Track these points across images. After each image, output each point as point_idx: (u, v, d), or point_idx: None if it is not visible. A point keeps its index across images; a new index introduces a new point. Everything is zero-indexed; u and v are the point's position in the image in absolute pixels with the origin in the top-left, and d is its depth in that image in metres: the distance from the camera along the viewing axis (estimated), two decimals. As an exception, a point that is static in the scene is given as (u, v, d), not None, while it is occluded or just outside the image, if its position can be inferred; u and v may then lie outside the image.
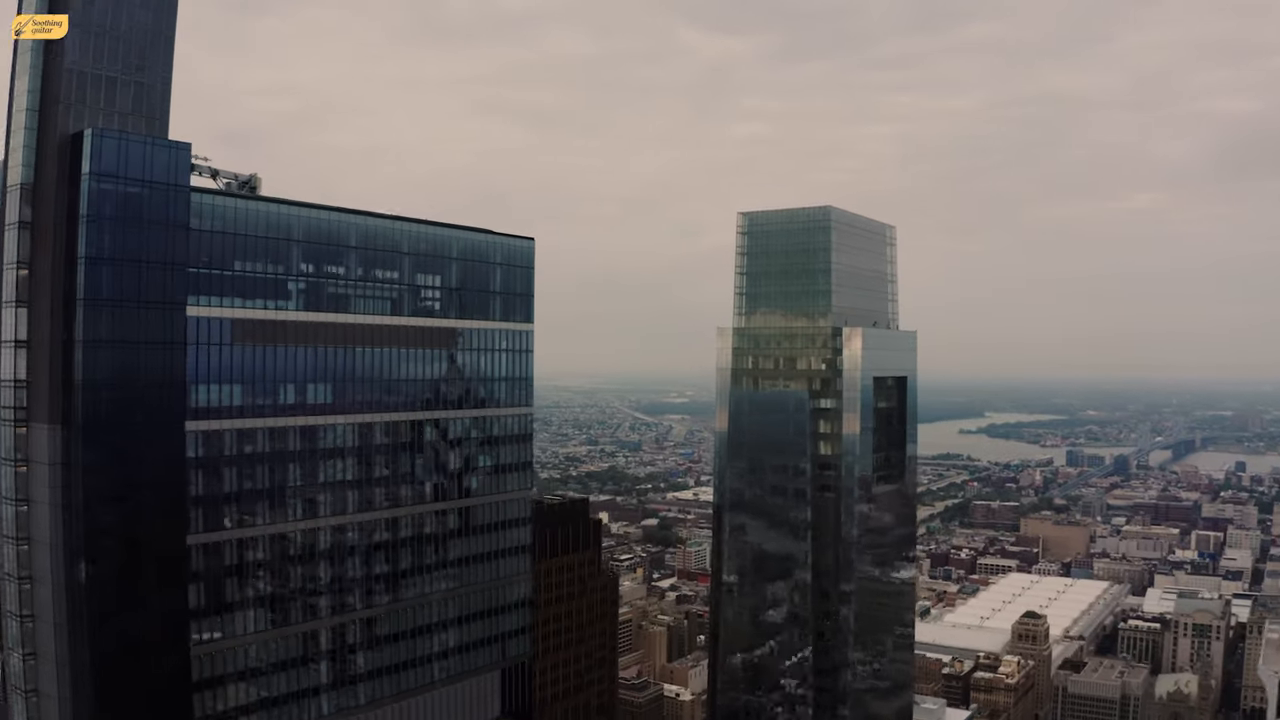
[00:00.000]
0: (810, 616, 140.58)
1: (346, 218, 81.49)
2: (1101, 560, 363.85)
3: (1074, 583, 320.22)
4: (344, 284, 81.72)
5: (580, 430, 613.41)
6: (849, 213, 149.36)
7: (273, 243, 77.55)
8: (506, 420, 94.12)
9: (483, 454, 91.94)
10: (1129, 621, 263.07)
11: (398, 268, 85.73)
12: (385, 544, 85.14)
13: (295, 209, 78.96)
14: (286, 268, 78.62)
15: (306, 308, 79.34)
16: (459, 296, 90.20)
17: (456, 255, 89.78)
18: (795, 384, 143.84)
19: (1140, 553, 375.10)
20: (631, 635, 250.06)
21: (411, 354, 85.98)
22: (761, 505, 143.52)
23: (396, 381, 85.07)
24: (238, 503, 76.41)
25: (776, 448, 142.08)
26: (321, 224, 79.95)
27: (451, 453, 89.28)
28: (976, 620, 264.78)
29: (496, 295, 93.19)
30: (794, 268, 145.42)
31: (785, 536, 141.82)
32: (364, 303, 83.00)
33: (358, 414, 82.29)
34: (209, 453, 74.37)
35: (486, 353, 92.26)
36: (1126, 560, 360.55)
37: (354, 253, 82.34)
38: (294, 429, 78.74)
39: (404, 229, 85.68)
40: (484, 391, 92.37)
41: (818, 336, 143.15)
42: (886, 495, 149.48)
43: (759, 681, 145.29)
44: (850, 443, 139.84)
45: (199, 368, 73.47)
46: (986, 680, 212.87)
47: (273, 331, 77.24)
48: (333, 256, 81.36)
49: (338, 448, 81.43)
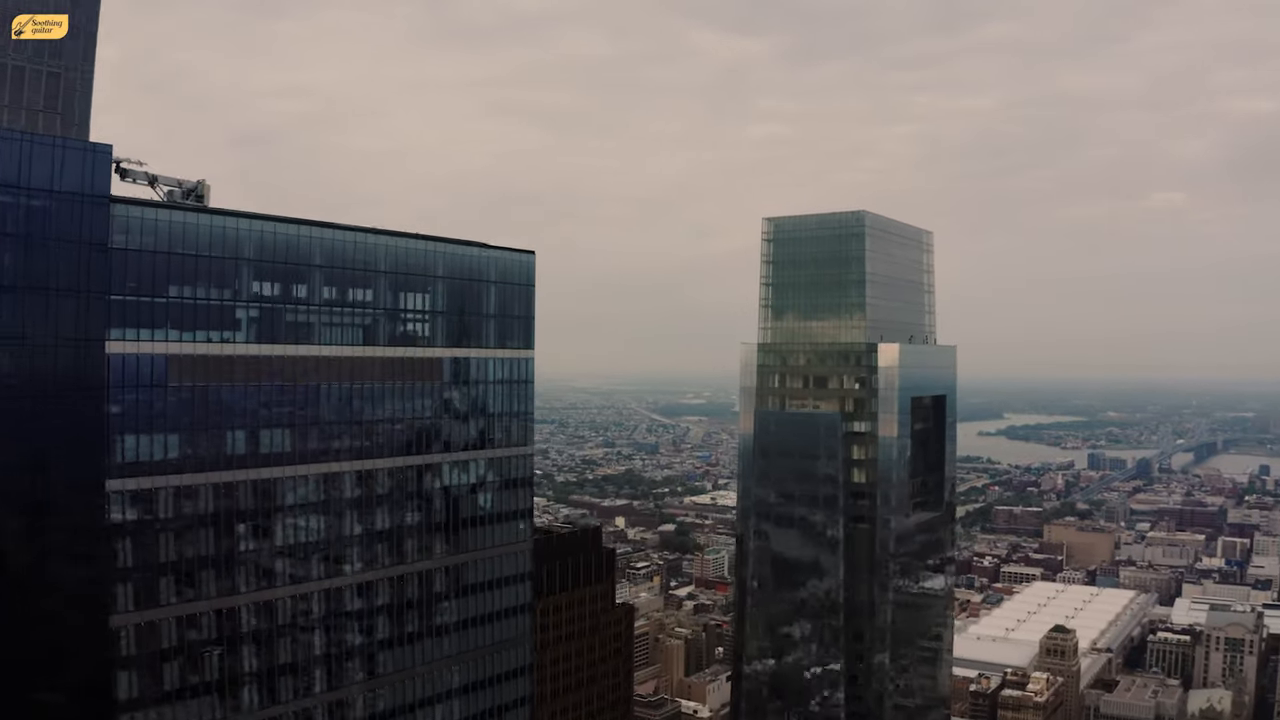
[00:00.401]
0: (844, 662, 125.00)
1: (309, 231, 66.78)
2: (1128, 569, 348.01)
3: (1100, 592, 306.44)
4: (306, 310, 67.03)
5: (597, 432, 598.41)
6: (883, 217, 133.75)
7: (218, 263, 63.01)
8: (503, 462, 79.17)
9: (475, 503, 77.04)
10: (1158, 634, 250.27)
11: (372, 289, 70.94)
12: (358, 613, 70.48)
13: (246, 221, 64.31)
14: (235, 292, 64.07)
15: (259, 339, 64.74)
16: (446, 321, 75.29)
17: (443, 273, 74.89)
18: (826, 404, 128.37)
19: (1166, 560, 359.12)
20: (648, 649, 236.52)
21: (389, 390, 71.21)
22: (789, 539, 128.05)
23: (371, 423, 70.28)
24: (178, 573, 61.99)
25: (805, 475, 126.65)
26: (278, 239, 65.30)
27: (437, 503, 74.39)
28: (1002, 632, 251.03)
29: (490, 318, 78.28)
30: (825, 278, 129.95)
31: (815, 573, 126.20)
32: (331, 331, 68.26)
33: (324, 463, 67.62)
34: (140, 515, 60.06)
35: (479, 385, 77.40)
36: (1153, 568, 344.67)
37: (319, 272, 67.67)
38: (245, 484, 64.17)
39: (379, 243, 70.82)
40: (475, 431, 77.47)
41: (851, 353, 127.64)
42: (923, 524, 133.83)
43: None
44: (886, 469, 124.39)
45: (126, 415, 59.25)
46: (1015, 699, 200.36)
47: (218, 368, 62.76)
48: (292, 277, 66.66)
49: (300, 504, 66.80)
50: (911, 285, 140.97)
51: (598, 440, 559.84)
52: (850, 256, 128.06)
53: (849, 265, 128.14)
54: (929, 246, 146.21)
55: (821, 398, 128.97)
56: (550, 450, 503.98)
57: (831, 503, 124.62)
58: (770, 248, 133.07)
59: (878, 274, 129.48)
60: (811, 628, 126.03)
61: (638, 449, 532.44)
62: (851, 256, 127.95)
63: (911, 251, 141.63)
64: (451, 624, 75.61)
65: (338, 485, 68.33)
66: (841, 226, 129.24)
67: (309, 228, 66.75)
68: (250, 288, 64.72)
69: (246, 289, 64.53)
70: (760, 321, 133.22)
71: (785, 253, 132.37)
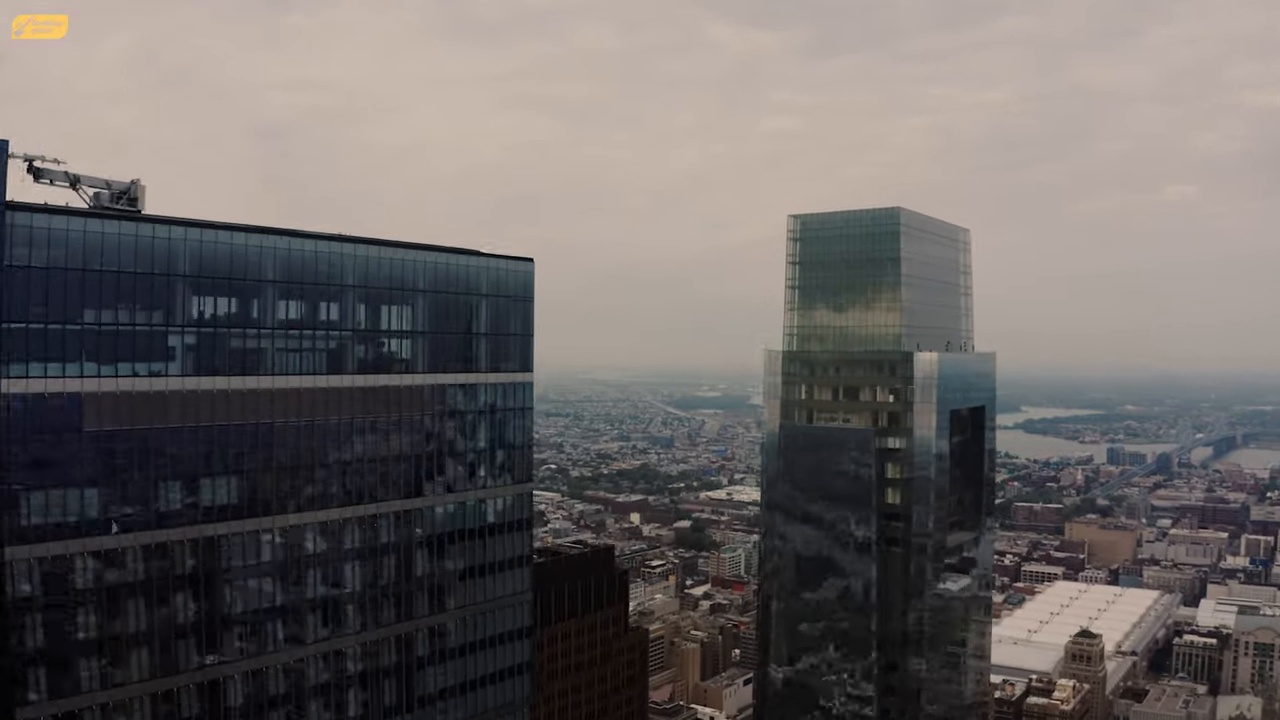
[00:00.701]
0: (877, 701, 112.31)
1: (260, 240, 54.60)
2: (1151, 568, 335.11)
3: (1123, 592, 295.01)
4: (257, 334, 54.96)
5: (612, 425, 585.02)
6: (919, 214, 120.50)
7: (146, 280, 50.97)
8: (497, 504, 66.91)
9: (464, 552, 64.85)
10: (1184, 637, 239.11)
11: (339, 307, 58.71)
12: (325, 687, 58.61)
13: (182, 231, 52.23)
14: (169, 315, 52.03)
15: (198, 371, 52.72)
16: (429, 342, 63.01)
17: (425, 286, 62.56)
18: (858, 418, 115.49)
19: (1189, 559, 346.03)
20: (663, 653, 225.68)
21: (359, 426, 59.11)
22: (817, 567, 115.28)
23: (338, 466, 58.29)
24: (103, 654, 50.32)
25: (835, 495, 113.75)
26: (222, 250, 53.22)
27: (419, 556, 62.33)
28: (1024, 634, 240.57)
29: (482, 338, 65.96)
30: (857, 280, 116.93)
31: (845, 604, 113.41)
32: (288, 359, 56.16)
33: (280, 515, 55.67)
34: (53, 588, 48.37)
35: (469, 416, 65.18)
36: (1177, 567, 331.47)
37: (272, 289, 55.51)
38: (184, 544, 52.35)
39: (347, 253, 58.54)
40: (465, 469, 65.24)
41: (884, 362, 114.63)
42: (962, 545, 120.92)
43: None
44: (923, 489, 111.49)
45: (31, 467, 47.49)
46: (1040, 707, 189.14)
47: (147, 408, 50.83)
48: (240, 296, 54.57)
49: (251, 565, 54.90)
50: (948, 287, 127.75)
51: (613, 434, 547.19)
52: (884, 257, 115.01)
53: (883, 266, 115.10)
54: (966, 245, 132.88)
55: (852, 410, 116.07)
56: (565, 444, 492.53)
57: (864, 526, 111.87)
58: (796, 247, 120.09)
59: (914, 275, 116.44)
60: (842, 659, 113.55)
61: (653, 443, 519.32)
62: (886, 257, 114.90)
63: (948, 250, 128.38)
64: (438, 694, 63.61)
65: (298, 541, 56.38)
66: (875, 224, 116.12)
67: (260, 236, 54.53)
68: (188, 309, 52.63)
69: (183, 311, 52.45)
70: (785, 326, 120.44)
71: (813, 252, 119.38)
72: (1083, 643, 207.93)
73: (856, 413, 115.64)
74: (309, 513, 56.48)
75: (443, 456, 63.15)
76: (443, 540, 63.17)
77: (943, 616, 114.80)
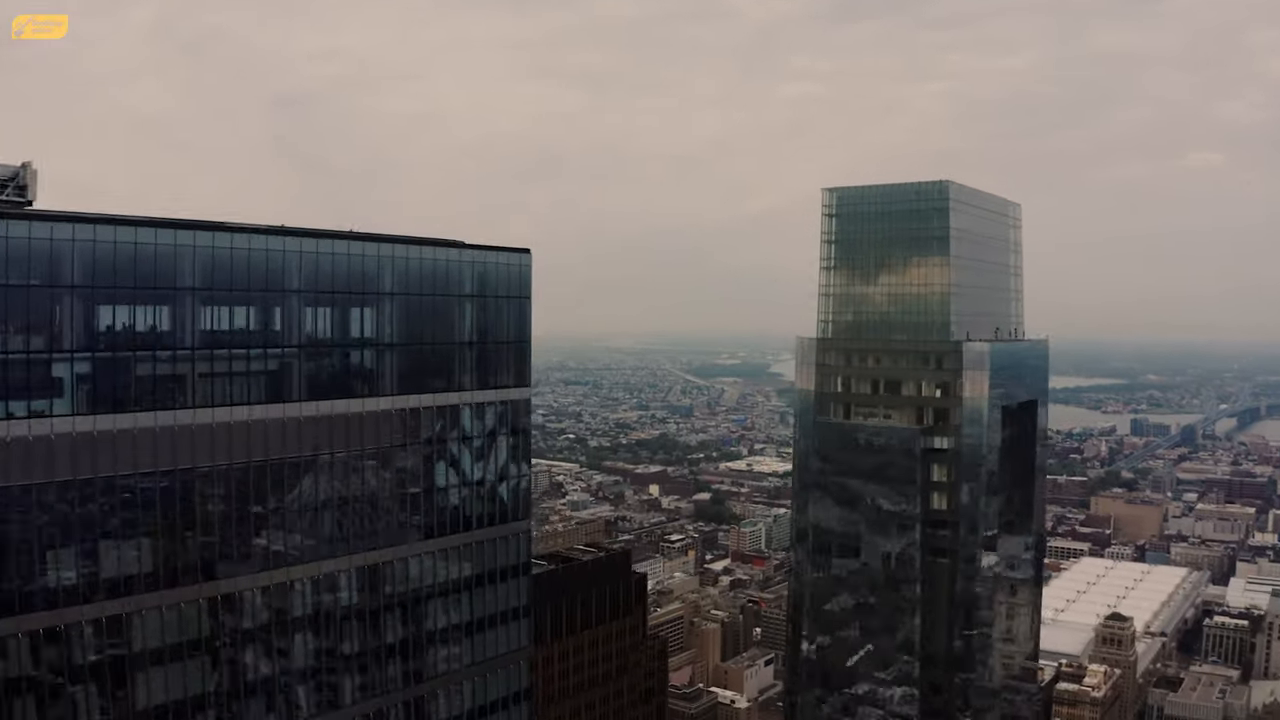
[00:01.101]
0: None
1: (175, 237, 41.49)
2: (1178, 544, 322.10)
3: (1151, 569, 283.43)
4: (172, 356, 41.97)
5: (631, 394, 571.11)
6: (968, 188, 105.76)
7: (21, 294, 38.16)
8: (487, 549, 54.05)
9: (446, 609, 52.21)
10: (1214, 618, 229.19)
11: (282, 317, 45.57)
12: (276, 784, 46.58)
13: (70, 228, 39.17)
14: (53, 337, 39.21)
15: (95, 407, 39.93)
16: (399, 357, 49.84)
17: (394, 287, 49.29)
18: (900, 415, 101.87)
19: (1217, 535, 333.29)
20: (683, 633, 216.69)
21: (309, 465, 46.31)
22: (854, 577, 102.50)
23: (283, 517, 45.62)
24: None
25: (875, 501, 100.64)
26: (124, 252, 40.21)
27: (392, 618, 49.77)
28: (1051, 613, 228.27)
29: (467, 348, 52.67)
30: (899, 261, 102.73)
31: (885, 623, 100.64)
32: (215, 386, 43.13)
33: (207, 583, 43.16)
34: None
35: (450, 445, 52.19)
36: (1205, 544, 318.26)
37: (193, 298, 42.48)
38: (81, 626, 40.07)
39: (291, 249, 45.18)
40: (445, 509, 52.30)
41: (931, 354, 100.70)
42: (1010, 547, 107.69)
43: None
44: (973, 494, 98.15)
45: None
46: (1071, 693, 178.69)
47: (27, 458, 38.25)
48: (150, 308, 41.59)
49: (171, 645, 42.54)
50: (998, 268, 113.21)
51: (631, 403, 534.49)
52: (931, 235, 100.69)
53: (929, 246, 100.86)
54: (1016, 221, 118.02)
55: (894, 406, 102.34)
56: (584, 413, 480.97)
57: (907, 535, 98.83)
58: (832, 224, 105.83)
59: (962, 256, 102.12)
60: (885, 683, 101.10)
61: (672, 412, 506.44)
62: (933, 235, 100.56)
63: (998, 227, 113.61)
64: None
65: (232, 613, 43.94)
66: (921, 199, 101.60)
67: (173, 232, 41.40)
68: (79, 329, 39.75)
69: (73, 331, 39.59)
70: (820, 313, 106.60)
71: (850, 231, 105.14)
72: (1114, 625, 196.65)
73: (899, 408, 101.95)
74: (245, 577, 43.98)
75: (418, 497, 50.29)
76: (420, 598, 50.54)
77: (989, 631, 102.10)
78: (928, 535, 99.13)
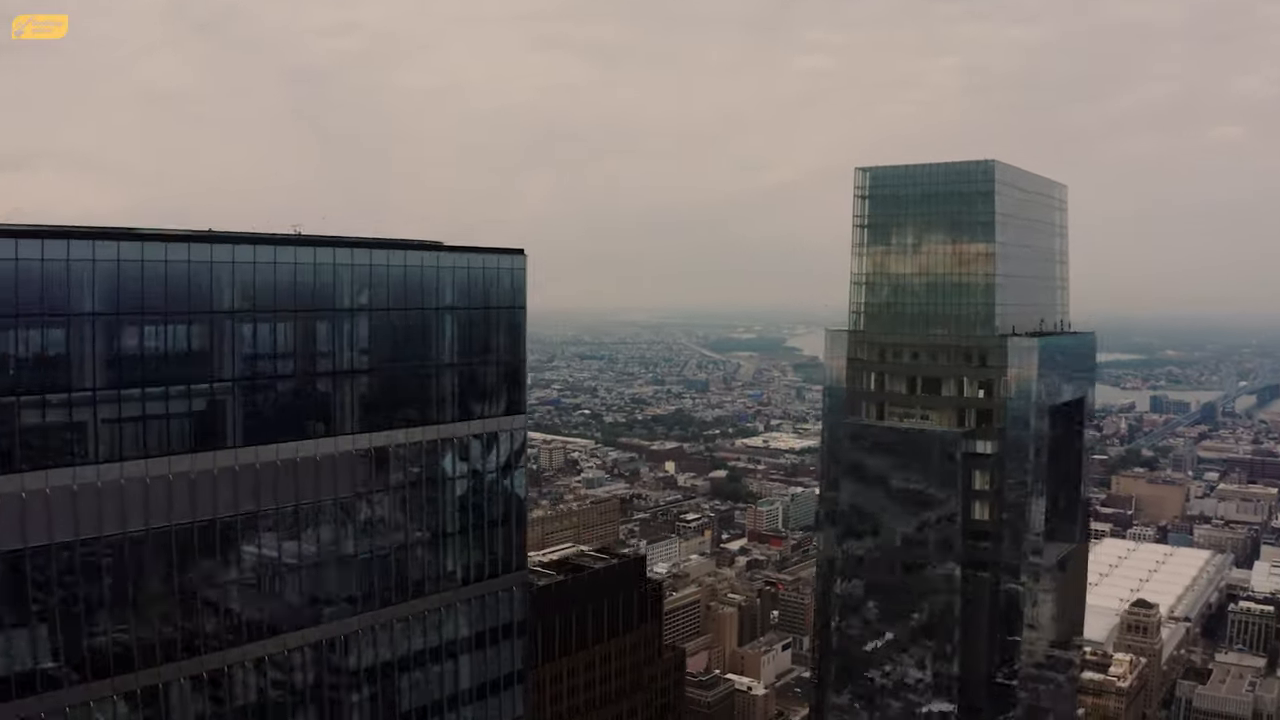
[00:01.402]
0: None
1: (68, 249, 31.86)
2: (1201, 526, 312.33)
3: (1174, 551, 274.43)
4: (67, 400, 32.58)
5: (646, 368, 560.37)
6: (1014, 168, 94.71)
7: None
8: (475, 607, 44.83)
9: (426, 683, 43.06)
10: (1240, 604, 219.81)
11: (213, 345, 36.05)
12: None
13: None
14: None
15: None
16: (363, 385, 40.30)
17: (354, 301, 39.66)
18: (939, 416, 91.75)
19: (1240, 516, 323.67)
20: (700, 618, 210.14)
21: (251, 524, 37.04)
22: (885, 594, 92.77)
23: (218, 588, 36.45)
24: None
25: (910, 511, 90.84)
26: (4, 270, 30.63)
27: (357, 697, 40.71)
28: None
29: (447, 371, 43.05)
30: (939, 247, 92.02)
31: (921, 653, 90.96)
32: (124, 434, 33.73)
33: (119, 676, 34.12)
34: None
35: (428, 488, 42.74)
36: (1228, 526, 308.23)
37: (94, 325, 32.95)
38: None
39: (222, 260, 35.51)
40: (425, 565, 43.06)
41: (974, 349, 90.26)
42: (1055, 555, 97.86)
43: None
44: (1018, 503, 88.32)
45: None
46: (1096, 683, 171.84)
47: None
48: (37, 341, 32.14)
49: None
50: (1043, 255, 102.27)
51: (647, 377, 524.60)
52: (975, 221, 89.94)
53: (973, 232, 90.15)
54: (1063, 204, 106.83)
55: (933, 407, 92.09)
56: (599, 388, 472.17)
57: (945, 552, 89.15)
58: (866, 207, 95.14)
59: (1009, 243, 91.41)
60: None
61: (688, 387, 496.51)
62: (977, 221, 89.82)
63: (1043, 211, 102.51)
64: None
65: (156, 709, 34.91)
66: (964, 180, 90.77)
67: (70, 242, 31.78)
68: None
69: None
70: (851, 302, 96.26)
71: (885, 215, 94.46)
72: (1139, 613, 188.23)
73: (938, 410, 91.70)
74: (170, 666, 34.93)
75: (387, 556, 41.03)
76: (391, 673, 41.52)
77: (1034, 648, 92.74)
78: (967, 548, 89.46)
